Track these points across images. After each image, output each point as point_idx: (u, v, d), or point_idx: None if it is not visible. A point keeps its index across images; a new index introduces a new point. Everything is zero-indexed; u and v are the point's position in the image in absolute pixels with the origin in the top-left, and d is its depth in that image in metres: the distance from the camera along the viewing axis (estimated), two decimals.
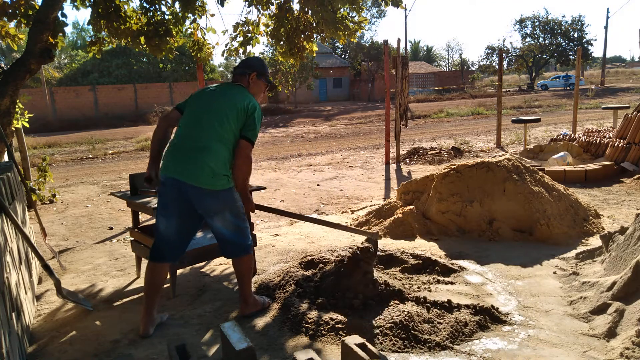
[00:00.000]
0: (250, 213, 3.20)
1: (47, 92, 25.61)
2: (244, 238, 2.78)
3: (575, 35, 43.16)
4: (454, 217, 4.30)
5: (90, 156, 12.65)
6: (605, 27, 42.91)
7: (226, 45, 5.77)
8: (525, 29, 45.70)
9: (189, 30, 5.70)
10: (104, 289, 3.46)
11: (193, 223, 2.76)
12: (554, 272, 3.34)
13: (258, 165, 9.35)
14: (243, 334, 2.04)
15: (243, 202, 2.79)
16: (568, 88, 36.61)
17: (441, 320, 2.62)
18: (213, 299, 3.18)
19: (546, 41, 44.59)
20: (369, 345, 2.00)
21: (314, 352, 1.97)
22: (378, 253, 3.60)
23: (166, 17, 5.15)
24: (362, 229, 4.64)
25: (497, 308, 2.76)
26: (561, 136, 8.90)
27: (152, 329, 2.71)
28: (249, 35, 5.67)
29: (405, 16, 38.56)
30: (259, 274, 3.56)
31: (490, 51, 44.18)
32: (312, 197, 6.49)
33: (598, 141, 7.42)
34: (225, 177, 2.63)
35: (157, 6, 5.05)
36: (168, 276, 3.23)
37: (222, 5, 4.83)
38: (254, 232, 3.66)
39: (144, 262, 3.57)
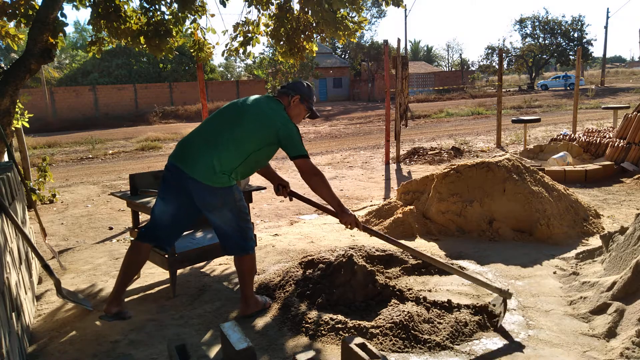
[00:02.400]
0: (251, 214, 3.20)
1: (47, 92, 25.59)
2: (245, 238, 2.76)
3: (575, 35, 43.17)
4: (454, 217, 4.30)
5: (90, 156, 12.65)
6: (605, 27, 42.96)
7: (226, 45, 5.77)
8: (525, 29, 45.73)
9: (189, 30, 5.70)
10: (104, 289, 3.46)
11: (189, 213, 2.76)
12: (554, 272, 3.34)
13: None
14: (243, 334, 2.04)
15: (342, 217, 2.77)
16: (568, 88, 36.62)
17: (441, 320, 2.62)
18: (213, 299, 3.18)
19: (546, 41, 44.59)
20: (369, 345, 2.00)
21: (314, 352, 1.97)
22: (378, 253, 3.60)
23: (166, 17, 5.15)
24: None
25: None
26: (561, 136, 8.90)
27: (115, 310, 2.70)
28: (249, 35, 5.67)
29: (405, 16, 38.59)
30: (259, 274, 3.56)
31: (490, 51, 44.19)
32: (312, 197, 6.48)
33: (598, 141, 7.42)
34: (226, 176, 2.61)
35: (157, 6, 5.05)
36: (167, 276, 3.23)
37: (224, 6, 4.83)
38: (253, 232, 3.66)
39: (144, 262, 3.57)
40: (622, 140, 6.87)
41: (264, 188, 3.86)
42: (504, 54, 12.11)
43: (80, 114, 26.04)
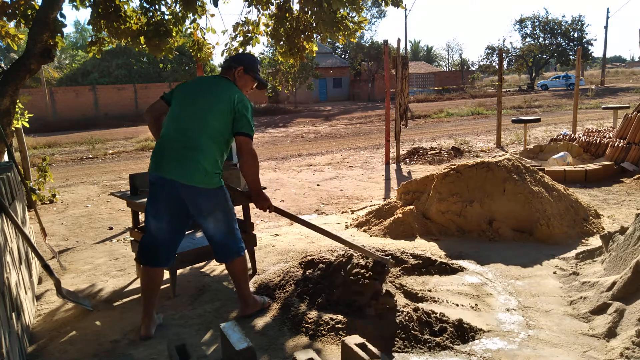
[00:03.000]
0: (251, 213, 3.19)
1: (47, 92, 25.59)
2: (236, 240, 2.76)
3: (575, 35, 43.16)
4: (454, 217, 4.30)
5: (90, 156, 12.65)
6: (605, 27, 42.95)
7: (226, 45, 5.76)
8: (525, 29, 45.71)
9: (189, 30, 5.70)
10: (104, 289, 3.46)
11: (183, 222, 2.74)
12: (554, 272, 3.34)
13: None
14: (243, 334, 2.04)
15: (257, 200, 2.78)
16: (568, 88, 36.62)
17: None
18: (213, 299, 3.18)
19: (546, 41, 44.58)
20: (369, 345, 2.00)
21: (314, 352, 1.97)
22: (377, 253, 3.59)
23: (166, 17, 5.15)
24: (362, 229, 4.65)
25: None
26: (561, 136, 8.90)
27: (154, 330, 2.71)
28: (249, 35, 5.66)
29: (405, 16, 38.57)
30: (259, 274, 3.57)
31: (490, 51, 44.17)
32: (312, 197, 6.49)
33: (598, 141, 7.42)
34: (217, 175, 2.61)
35: (157, 6, 5.05)
36: (167, 276, 3.23)
37: (216, 6, 4.82)
38: (254, 232, 3.66)
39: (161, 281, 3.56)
40: (622, 140, 6.87)
41: (264, 188, 3.85)
42: (504, 54, 12.10)
43: (80, 114, 26.03)
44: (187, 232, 3.77)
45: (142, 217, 4.38)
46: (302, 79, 29.91)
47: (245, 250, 2.88)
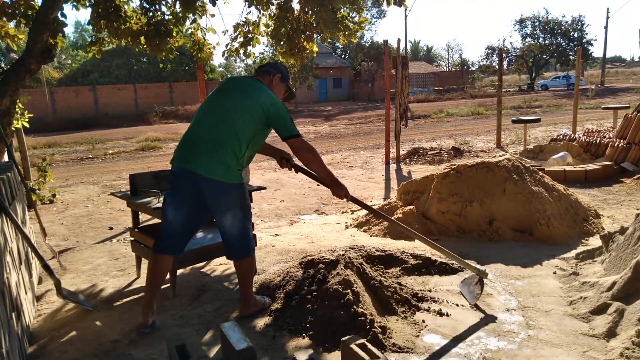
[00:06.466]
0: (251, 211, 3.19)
1: (47, 92, 25.60)
2: (248, 239, 2.77)
3: (575, 35, 43.18)
4: (454, 217, 4.30)
5: (90, 156, 12.65)
6: (605, 27, 42.97)
7: (226, 45, 5.76)
8: (525, 29, 45.77)
9: (189, 30, 5.70)
10: (104, 289, 3.46)
11: (199, 216, 2.76)
12: (554, 272, 3.34)
13: (258, 165, 9.36)
14: (243, 334, 2.04)
15: (334, 189, 2.84)
16: (568, 88, 36.64)
17: None
18: (213, 299, 3.18)
19: (546, 41, 44.60)
20: (369, 345, 2.00)
21: (314, 352, 1.97)
22: (378, 253, 3.60)
23: (166, 17, 5.15)
24: (362, 229, 4.65)
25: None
26: (561, 136, 8.90)
27: (152, 320, 2.74)
28: (249, 35, 5.66)
29: (405, 16, 38.61)
30: (259, 274, 3.57)
31: (490, 51, 44.18)
32: (312, 197, 6.49)
33: (598, 141, 7.42)
34: (239, 172, 2.62)
35: (157, 6, 5.05)
36: (168, 276, 3.23)
37: (214, 5, 4.83)
38: (253, 232, 3.66)
39: (144, 262, 3.56)
40: (622, 140, 6.87)
41: (264, 188, 3.86)
42: (504, 54, 12.09)
43: (80, 114, 26.03)
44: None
45: (142, 217, 4.38)
46: (302, 79, 29.93)
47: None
